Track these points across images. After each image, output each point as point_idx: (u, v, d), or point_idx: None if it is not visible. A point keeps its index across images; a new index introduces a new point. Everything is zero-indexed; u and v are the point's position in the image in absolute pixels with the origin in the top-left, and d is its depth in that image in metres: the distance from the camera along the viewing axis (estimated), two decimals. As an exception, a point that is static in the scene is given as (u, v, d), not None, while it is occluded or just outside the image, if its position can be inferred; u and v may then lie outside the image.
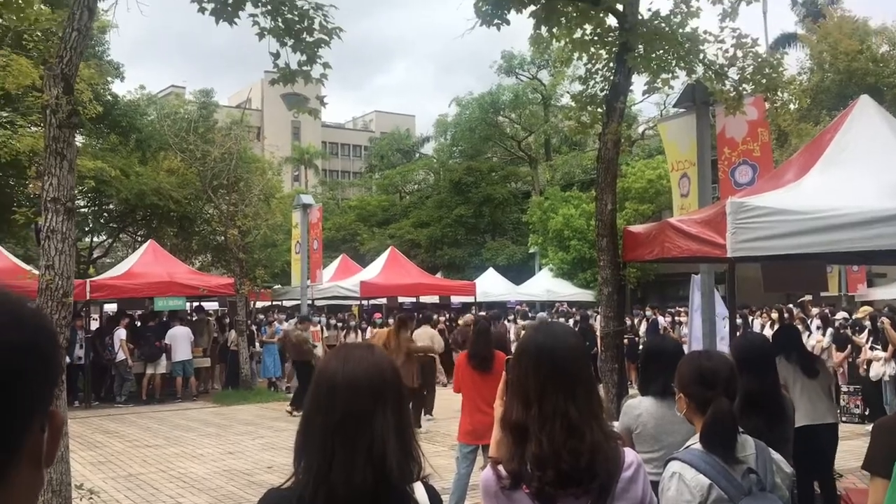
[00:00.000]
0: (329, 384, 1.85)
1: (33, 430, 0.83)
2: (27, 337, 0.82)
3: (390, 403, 1.83)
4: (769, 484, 2.59)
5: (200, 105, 26.80)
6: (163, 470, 9.68)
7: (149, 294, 17.69)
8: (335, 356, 1.92)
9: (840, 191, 5.41)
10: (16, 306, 0.84)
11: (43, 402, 0.85)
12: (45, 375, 0.85)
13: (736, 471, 2.57)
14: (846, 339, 13.41)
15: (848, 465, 8.01)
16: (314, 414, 1.84)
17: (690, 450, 2.67)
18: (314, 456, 1.80)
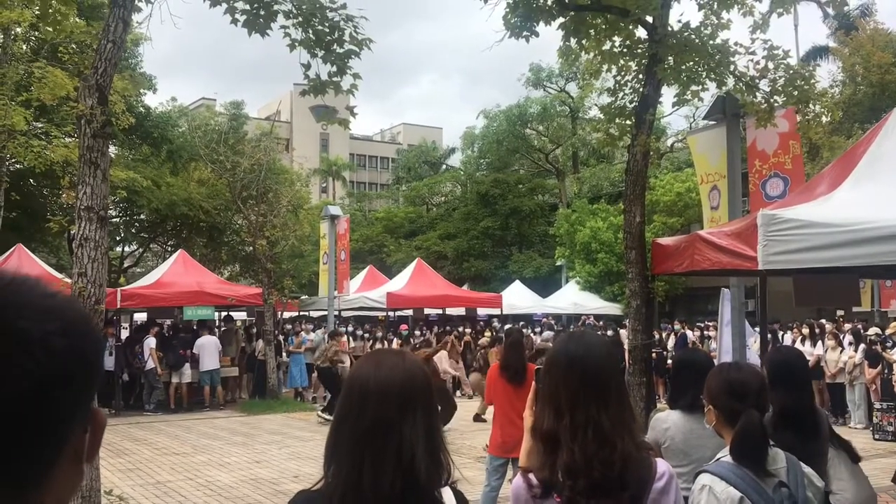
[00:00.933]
0: (361, 390, 1.86)
1: (76, 430, 0.86)
2: (74, 343, 0.84)
3: (420, 409, 1.84)
4: (801, 498, 2.54)
5: (231, 117, 27.11)
6: (190, 478, 9.74)
7: (178, 303, 17.89)
8: (367, 362, 1.94)
9: (873, 203, 5.33)
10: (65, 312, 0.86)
11: (85, 404, 0.88)
12: (89, 380, 0.88)
13: (767, 484, 2.53)
14: (878, 355, 13.19)
15: (882, 484, 7.85)
16: (345, 419, 1.86)
17: (721, 462, 2.64)
18: (344, 460, 1.81)
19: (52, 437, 0.82)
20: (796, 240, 5.01)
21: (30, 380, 0.79)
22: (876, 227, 4.90)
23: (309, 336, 18.47)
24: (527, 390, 6.93)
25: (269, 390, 17.77)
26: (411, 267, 23.26)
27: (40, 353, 0.80)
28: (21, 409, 0.79)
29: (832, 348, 14.29)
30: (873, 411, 13.04)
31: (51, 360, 0.81)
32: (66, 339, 0.83)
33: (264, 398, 17.63)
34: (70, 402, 0.84)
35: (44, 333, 0.81)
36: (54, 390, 0.81)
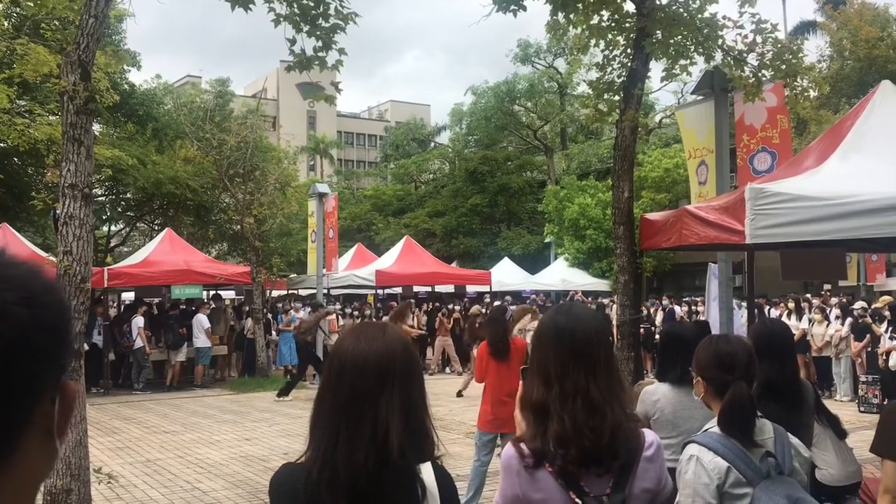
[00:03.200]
0: (340, 363, 1.88)
1: (43, 402, 0.83)
2: (37, 313, 0.82)
3: (398, 384, 1.84)
4: (787, 468, 2.56)
5: (217, 94, 26.88)
6: (180, 456, 9.76)
7: (166, 282, 17.82)
8: (349, 335, 1.94)
9: (861, 177, 5.34)
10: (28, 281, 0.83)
11: (52, 376, 0.85)
12: (54, 350, 0.84)
13: (754, 454, 2.55)
14: (865, 329, 13.31)
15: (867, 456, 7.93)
16: (326, 391, 1.88)
17: (709, 433, 2.65)
18: (323, 433, 1.84)
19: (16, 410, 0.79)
20: (784, 213, 5.02)
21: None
22: (862, 200, 4.91)
23: (299, 314, 18.45)
24: (512, 365, 7.00)
25: (259, 369, 17.78)
26: (400, 245, 23.21)
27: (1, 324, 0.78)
28: None
29: (818, 322, 14.40)
30: (859, 384, 13.18)
31: (11, 330, 0.78)
32: (28, 309, 0.81)
33: (254, 376, 17.64)
34: (34, 372, 0.81)
35: (3, 303, 0.79)
36: (16, 361, 0.79)
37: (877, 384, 12.53)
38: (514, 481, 2.01)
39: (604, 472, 1.99)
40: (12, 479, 0.79)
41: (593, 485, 1.97)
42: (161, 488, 8.17)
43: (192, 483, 8.34)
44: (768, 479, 2.48)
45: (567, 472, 1.96)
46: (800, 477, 2.59)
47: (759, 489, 2.46)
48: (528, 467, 1.98)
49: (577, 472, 1.97)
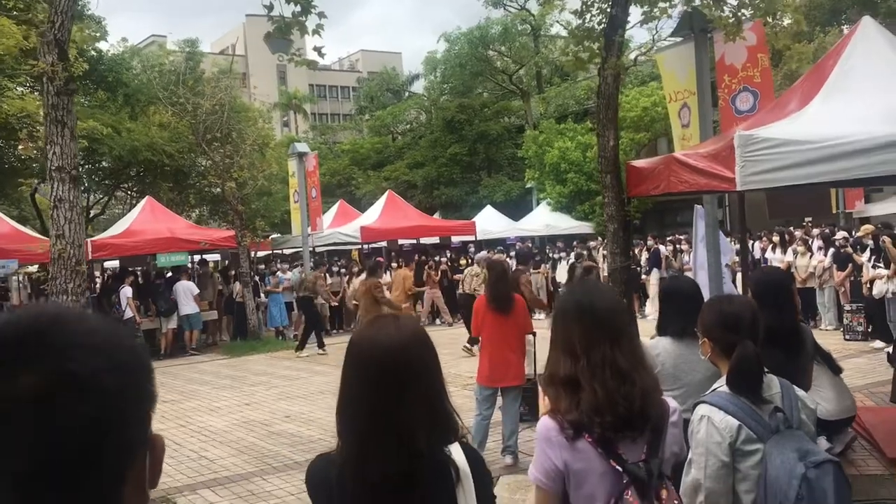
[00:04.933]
0: (359, 365, 1.93)
1: (137, 459, 0.87)
2: (124, 379, 0.85)
3: (419, 379, 1.89)
4: (795, 421, 2.65)
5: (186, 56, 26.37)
6: (182, 424, 9.85)
7: (150, 251, 17.73)
8: (364, 336, 1.98)
9: (846, 117, 5.38)
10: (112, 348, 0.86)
11: (143, 433, 0.89)
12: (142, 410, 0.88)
13: (763, 410, 2.63)
14: (847, 259, 13.52)
15: (855, 384, 8.16)
16: (347, 393, 1.93)
17: (718, 393, 2.73)
18: (350, 431, 1.90)
19: (114, 471, 0.83)
20: (773, 159, 5.06)
21: (84, 421, 0.79)
22: (850, 141, 4.96)
23: (286, 275, 18.47)
24: (514, 319, 7.08)
25: (250, 331, 17.85)
26: (383, 199, 23.17)
27: (92, 395, 0.80)
28: (80, 450, 0.80)
29: (802, 254, 14.61)
30: (843, 313, 13.45)
31: (103, 400, 0.81)
32: (116, 376, 0.84)
33: (246, 339, 17.72)
34: (129, 436, 0.85)
35: (93, 372, 0.81)
36: (110, 427, 0.82)
37: (860, 312, 12.78)
38: (555, 453, 2.07)
39: (638, 436, 2.07)
40: None
41: (630, 451, 2.05)
42: (168, 458, 8.18)
43: (198, 451, 8.45)
44: (778, 434, 2.56)
45: (605, 440, 2.03)
46: (807, 428, 2.68)
47: (769, 444, 2.54)
48: (569, 438, 2.05)
49: (615, 438, 2.04)
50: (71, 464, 0.80)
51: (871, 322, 12.51)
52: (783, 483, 2.41)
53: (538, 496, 2.15)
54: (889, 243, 11.24)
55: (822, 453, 2.48)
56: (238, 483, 7.16)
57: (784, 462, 2.45)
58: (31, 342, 0.82)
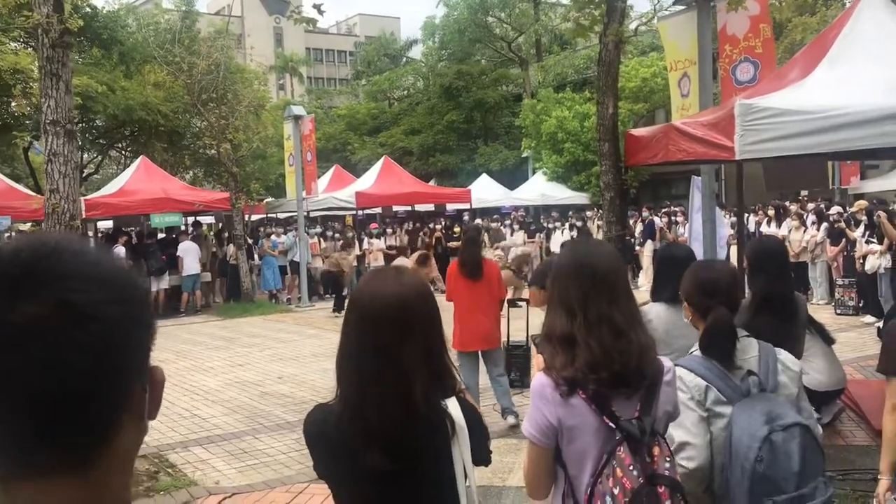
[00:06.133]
0: (360, 315, 1.95)
1: (136, 391, 0.87)
2: (127, 310, 0.84)
3: (418, 333, 1.91)
4: (770, 385, 2.64)
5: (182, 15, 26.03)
6: (175, 383, 9.87)
7: (144, 211, 17.68)
8: (365, 288, 1.99)
9: (847, 88, 5.37)
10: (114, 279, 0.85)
11: (143, 365, 0.89)
12: (143, 341, 0.88)
13: (735, 374, 2.65)
14: (840, 234, 13.56)
15: (845, 357, 8.23)
16: (347, 344, 1.96)
17: (692, 356, 2.76)
18: (350, 382, 1.93)
19: (114, 403, 0.84)
20: (772, 128, 5.05)
21: (84, 351, 0.79)
22: (850, 112, 4.96)
23: (280, 239, 18.45)
24: (485, 285, 7.11)
25: (244, 294, 17.86)
26: (378, 165, 23.07)
27: (92, 326, 0.80)
28: (82, 381, 0.79)
29: (796, 228, 14.63)
30: (835, 287, 13.51)
31: (103, 330, 0.81)
32: (116, 307, 0.83)
33: (239, 301, 17.74)
34: (128, 367, 0.85)
35: (94, 302, 0.81)
36: (112, 359, 0.82)
37: (852, 287, 12.85)
38: (549, 409, 2.08)
39: (633, 393, 2.08)
40: (117, 454, 0.86)
41: (623, 408, 2.06)
42: (161, 416, 8.12)
43: (190, 410, 8.49)
44: (748, 397, 2.57)
45: (600, 396, 2.05)
46: (788, 391, 2.67)
47: (737, 407, 2.56)
48: (563, 395, 2.06)
49: (609, 395, 2.05)
50: (71, 393, 0.80)
51: (862, 297, 12.58)
52: (745, 445, 2.43)
53: (531, 451, 2.17)
54: (884, 218, 11.27)
55: (792, 416, 2.48)
56: (230, 441, 7.21)
57: (749, 424, 2.46)
58: (31, 272, 0.81)
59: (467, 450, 1.96)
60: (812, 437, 2.46)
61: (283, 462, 6.49)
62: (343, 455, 1.90)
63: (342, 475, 1.96)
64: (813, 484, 2.40)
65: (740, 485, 2.42)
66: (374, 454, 1.84)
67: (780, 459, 2.38)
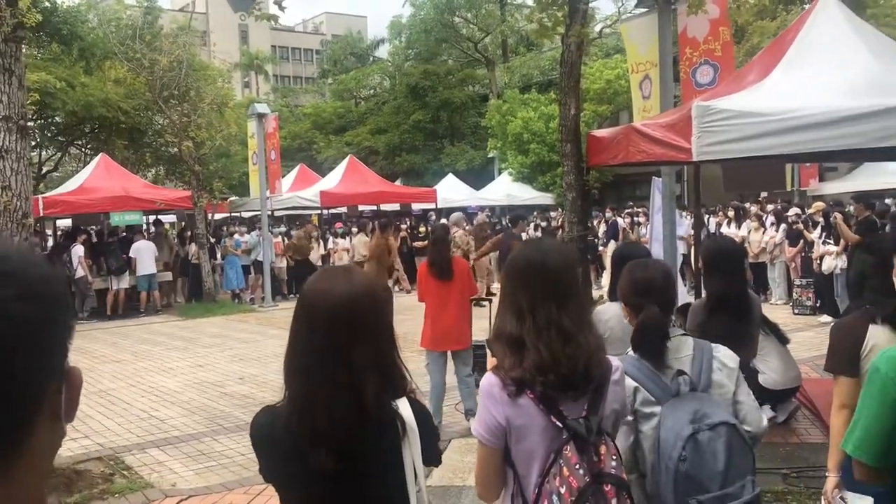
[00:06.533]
0: (310, 315, 1.91)
1: (50, 391, 0.84)
2: (34, 307, 0.81)
3: (369, 333, 1.88)
4: (703, 384, 2.65)
5: (144, 10, 25.66)
6: (133, 385, 9.73)
7: (104, 209, 17.39)
8: (314, 287, 1.95)
9: (803, 91, 5.45)
10: (22, 275, 0.82)
11: (57, 364, 0.86)
12: (56, 340, 0.85)
13: (666, 374, 2.65)
14: (798, 235, 13.79)
15: (801, 356, 8.36)
16: (296, 343, 1.92)
17: (626, 356, 2.76)
18: (298, 387, 1.89)
19: (24, 403, 0.81)
20: (729, 130, 5.11)
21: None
22: (806, 114, 5.04)
23: (243, 238, 18.27)
24: (455, 285, 7.12)
25: (206, 294, 17.65)
26: (343, 164, 22.96)
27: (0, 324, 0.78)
28: None
29: (755, 229, 14.86)
30: (793, 288, 13.73)
31: (12, 329, 0.78)
32: (28, 304, 0.80)
33: (201, 301, 17.53)
34: (39, 366, 0.82)
35: (2, 301, 0.78)
36: (23, 359, 0.79)
37: (810, 287, 13.07)
38: (497, 408, 2.08)
39: (580, 396, 2.08)
40: (30, 460, 0.83)
41: (570, 409, 2.06)
42: (117, 418, 8.17)
43: (148, 411, 8.36)
44: (677, 397, 2.58)
45: (547, 397, 2.04)
46: (723, 389, 2.68)
47: (665, 407, 2.56)
48: (511, 395, 2.06)
49: (556, 396, 2.05)
50: None
51: (819, 297, 12.81)
52: (670, 444, 2.44)
53: (481, 452, 2.16)
54: (840, 220, 11.48)
55: (719, 415, 2.48)
56: (188, 443, 7.11)
57: (675, 424, 2.46)
58: None
59: (418, 450, 1.94)
60: (739, 436, 2.46)
61: (241, 464, 6.42)
62: (292, 457, 1.86)
63: (291, 478, 1.93)
64: (740, 483, 2.40)
65: (666, 484, 2.43)
66: (323, 456, 1.82)
67: (704, 458, 2.39)
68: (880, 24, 21.93)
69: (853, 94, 5.20)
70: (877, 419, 1.96)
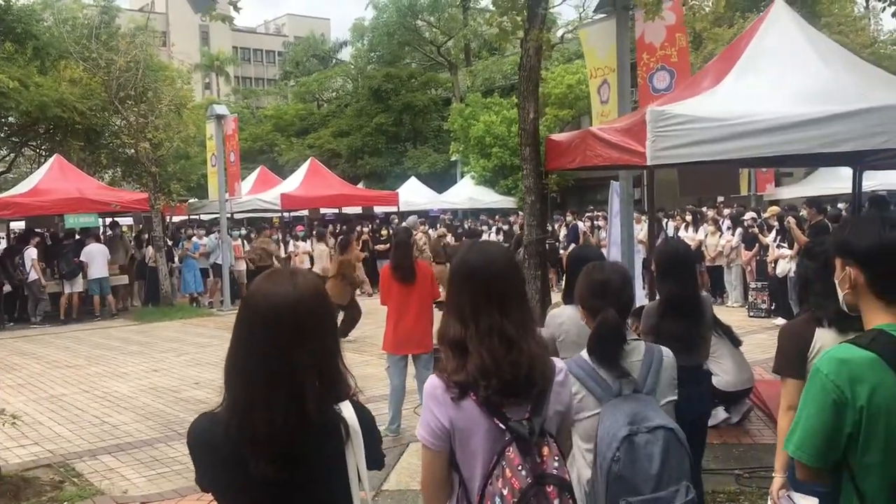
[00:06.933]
0: (252, 317, 1.86)
1: None
2: None
3: (313, 337, 1.85)
4: (648, 387, 2.69)
5: (101, 10, 25.22)
6: (86, 390, 9.55)
7: (58, 211, 17.07)
8: (258, 288, 1.90)
9: (755, 97, 5.53)
10: None
11: None
12: None
13: (611, 375, 2.68)
14: (753, 239, 14.02)
15: (756, 358, 8.48)
16: (238, 345, 1.87)
17: (577, 356, 2.79)
18: (238, 390, 1.84)
19: None
20: (682, 135, 5.16)
21: None
22: (757, 120, 5.11)
23: (202, 241, 18.03)
24: (418, 288, 7.11)
25: (163, 297, 17.39)
26: (305, 166, 22.80)
27: None
28: None
29: (712, 233, 15.07)
30: (749, 291, 13.95)
31: None
32: None
33: (158, 305, 17.27)
34: None
35: None
36: None
37: (765, 290, 13.29)
38: (441, 411, 2.06)
39: (523, 400, 2.07)
40: None
41: (513, 411, 2.05)
42: (68, 424, 8.00)
43: (101, 417, 8.20)
44: (619, 398, 2.61)
45: (490, 401, 2.03)
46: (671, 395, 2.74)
47: (605, 407, 2.60)
48: (455, 398, 2.04)
49: (499, 402, 2.04)
50: None
51: (774, 300, 13.02)
52: (605, 444, 2.46)
53: (425, 456, 2.14)
54: (793, 224, 11.69)
55: (658, 419, 2.50)
56: (140, 449, 6.99)
57: (611, 424, 2.49)
58: None
59: (361, 455, 1.92)
60: (678, 440, 2.47)
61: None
62: (231, 464, 1.81)
63: (230, 485, 1.87)
64: (674, 487, 2.41)
65: (599, 484, 2.45)
66: (264, 462, 1.78)
67: (639, 460, 2.40)
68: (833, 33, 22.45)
69: (803, 101, 5.28)
70: (816, 419, 1.98)
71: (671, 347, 2.86)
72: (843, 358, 1.96)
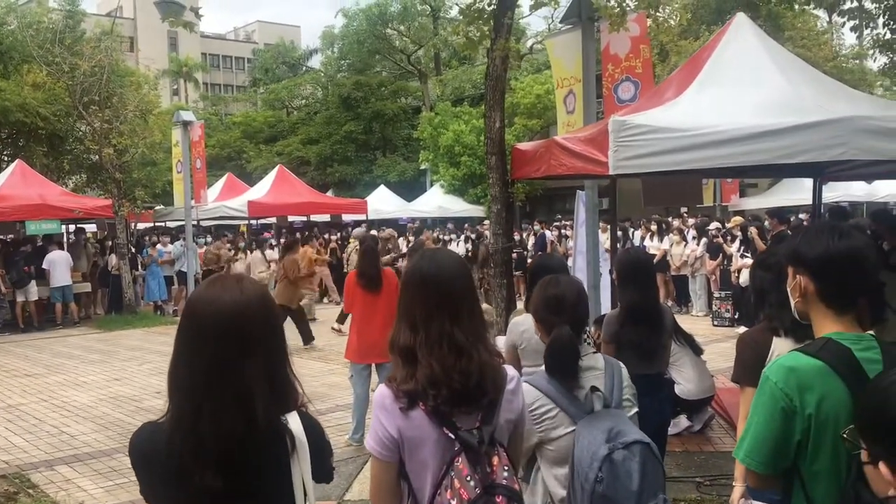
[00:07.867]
0: (198, 326, 1.81)
1: None
2: None
3: (261, 346, 1.81)
4: (615, 400, 2.69)
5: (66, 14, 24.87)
6: (44, 399, 9.36)
7: (19, 217, 16.72)
8: (202, 295, 1.86)
9: (717, 108, 5.60)
10: None
11: None
12: None
13: (579, 392, 2.67)
14: (718, 248, 14.18)
15: (718, 367, 8.56)
16: (182, 354, 1.82)
17: (539, 373, 2.77)
18: (183, 400, 1.80)
19: None
20: (645, 145, 5.20)
21: None
22: (719, 131, 5.17)
23: (167, 248, 17.82)
24: (384, 296, 7.06)
25: (127, 305, 17.13)
26: (273, 174, 22.65)
27: None
28: None
29: (677, 243, 15.23)
30: (713, 300, 14.11)
31: None
32: None
33: (121, 314, 17.01)
34: None
35: None
36: None
37: (728, 299, 13.45)
38: (390, 420, 2.04)
39: (473, 409, 2.05)
40: None
41: (463, 420, 2.03)
42: (25, 434, 7.83)
43: (59, 427, 8.05)
44: (592, 415, 2.59)
45: (439, 411, 2.01)
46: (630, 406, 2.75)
47: (580, 425, 2.58)
48: (404, 407, 2.02)
49: (449, 411, 2.02)
50: None
51: (737, 309, 13.18)
52: (586, 464, 2.44)
53: (374, 467, 2.12)
54: (756, 234, 11.85)
55: (633, 434, 2.50)
56: (99, 459, 6.87)
57: (590, 443, 2.47)
58: None
59: (307, 466, 1.88)
60: (652, 454, 2.47)
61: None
62: (174, 476, 1.77)
63: (172, 497, 1.83)
64: (653, 502, 2.42)
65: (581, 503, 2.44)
66: (208, 474, 1.74)
67: (620, 479, 2.39)
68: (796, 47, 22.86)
69: (763, 112, 5.36)
70: (765, 427, 2.00)
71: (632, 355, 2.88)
72: (791, 366, 1.98)
